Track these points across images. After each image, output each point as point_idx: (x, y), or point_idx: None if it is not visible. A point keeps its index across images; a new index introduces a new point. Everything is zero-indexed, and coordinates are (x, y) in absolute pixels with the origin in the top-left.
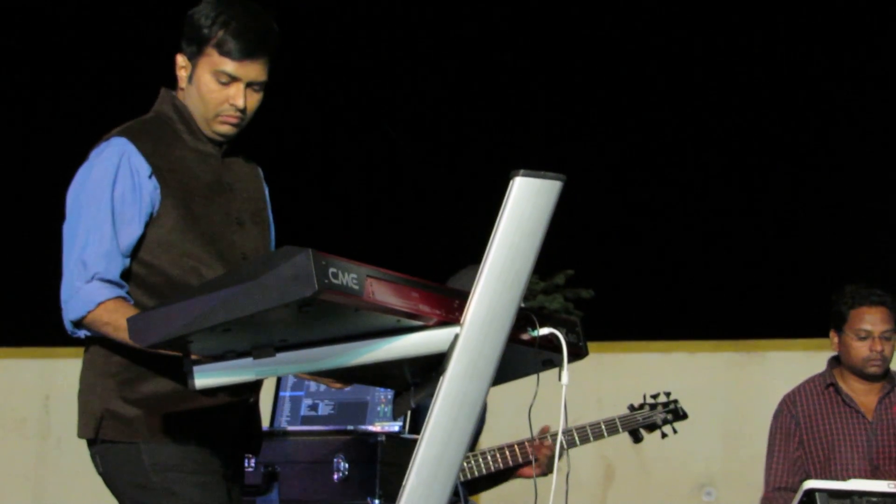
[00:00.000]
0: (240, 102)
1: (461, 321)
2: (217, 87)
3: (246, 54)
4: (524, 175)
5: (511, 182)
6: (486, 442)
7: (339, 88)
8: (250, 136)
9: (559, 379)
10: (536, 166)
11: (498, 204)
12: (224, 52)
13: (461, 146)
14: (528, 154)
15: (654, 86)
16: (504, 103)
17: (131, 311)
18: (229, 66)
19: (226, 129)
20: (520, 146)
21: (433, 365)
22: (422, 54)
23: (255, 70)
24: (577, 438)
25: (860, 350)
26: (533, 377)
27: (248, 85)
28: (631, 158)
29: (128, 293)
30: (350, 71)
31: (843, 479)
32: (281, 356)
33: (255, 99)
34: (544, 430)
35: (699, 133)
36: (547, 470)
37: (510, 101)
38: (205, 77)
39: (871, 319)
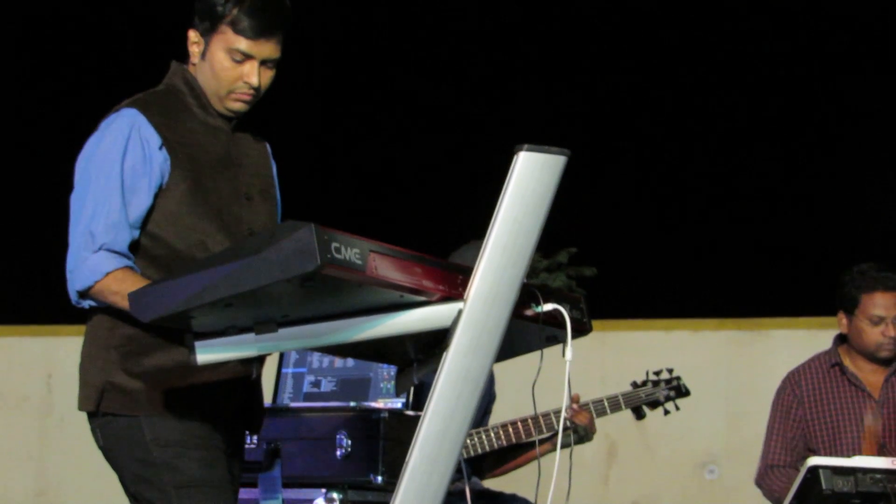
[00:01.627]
0: (254, 80)
1: (465, 297)
2: (231, 65)
3: (260, 32)
4: (528, 150)
5: (515, 157)
6: (490, 419)
7: (342, 63)
8: (258, 111)
9: (563, 355)
10: (541, 141)
11: (502, 179)
12: (239, 31)
13: (465, 121)
14: (533, 129)
15: (659, 64)
16: (509, 78)
17: (140, 281)
18: (244, 44)
19: (238, 105)
20: (524, 121)
21: (436, 341)
22: (425, 28)
23: (269, 48)
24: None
25: (873, 335)
26: (536, 353)
27: (262, 62)
28: (635, 136)
29: (134, 265)
30: (353, 45)
31: (849, 457)
32: (283, 332)
33: (268, 76)
34: (576, 399)
35: (703, 110)
36: (586, 434)
37: (515, 75)
38: (219, 54)
39: (885, 305)
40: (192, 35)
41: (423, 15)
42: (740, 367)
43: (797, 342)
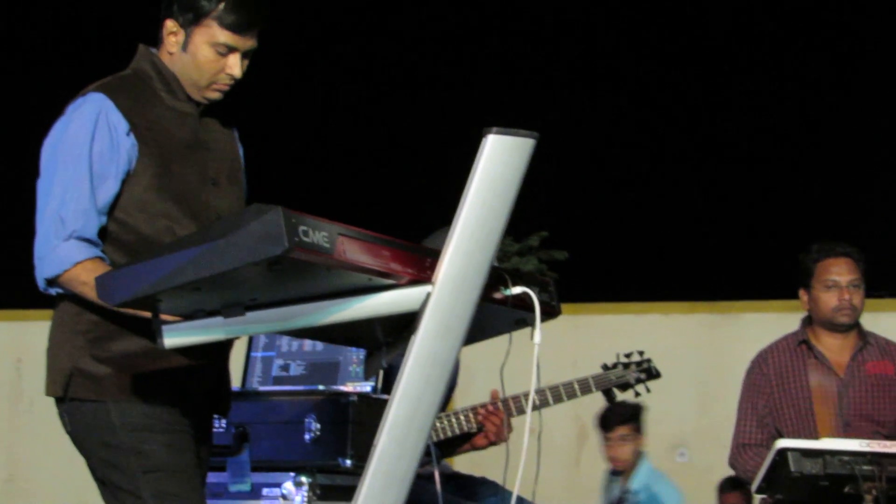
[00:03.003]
0: (237, 73)
1: (433, 280)
2: (215, 58)
3: (246, 27)
4: (497, 133)
5: (484, 140)
6: (460, 402)
7: (309, 44)
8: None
9: (531, 338)
10: (512, 125)
11: (472, 162)
12: (225, 25)
13: (435, 104)
14: (505, 112)
15: (630, 48)
16: (480, 60)
17: None
18: (229, 38)
19: (216, 95)
20: (495, 104)
21: (405, 324)
22: (394, 12)
23: (251, 40)
24: (549, 398)
25: (829, 300)
26: (507, 337)
27: (244, 54)
28: (607, 120)
29: (102, 251)
30: (322, 29)
31: (816, 435)
32: (251, 315)
33: (245, 65)
34: (494, 396)
35: (674, 95)
36: (497, 439)
37: (485, 59)
38: (203, 47)
39: (837, 269)
40: (171, 25)
41: None
42: (711, 350)
43: (767, 325)
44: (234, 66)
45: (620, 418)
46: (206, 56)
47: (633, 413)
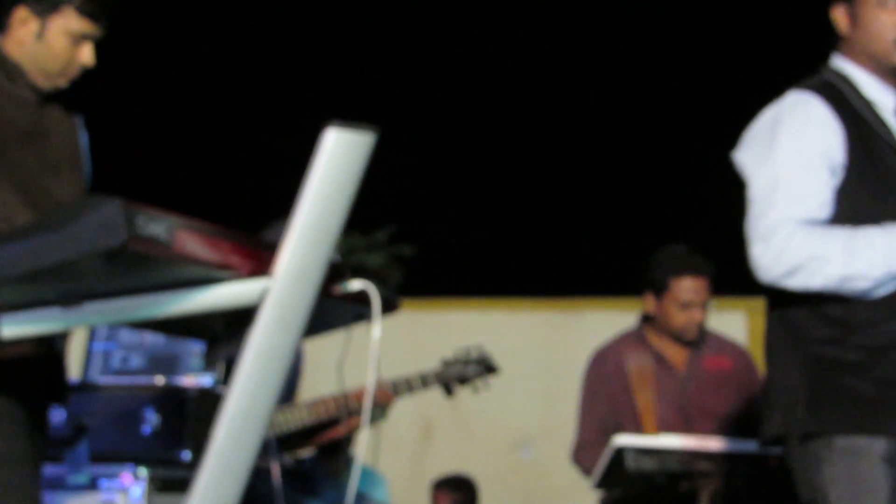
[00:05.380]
0: (91, 61)
1: (272, 273)
2: (70, 46)
3: (103, 14)
4: (337, 128)
5: (324, 135)
6: (306, 395)
7: (148, 36)
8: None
9: (371, 333)
10: (357, 120)
11: (313, 156)
12: (84, 13)
13: (275, 98)
14: (351, 108)
15: (474, 42)
16: (324, 55)
17: None
18: (87, 26)
19: (65, 82)
20: (338, 99)
21: (244, 317)
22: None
23: (104, 27)
24: (390, 391)
25: (680, 319)
26: (351, 331)
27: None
28: (453, 116)
29: None
30: (162, 18)
31: (656, 432)
32: (89, 306)
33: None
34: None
35: (516, 90)
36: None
37: (331, 53)
38: (60, 36)
39: (693, 290)
40: (23, 13)
41: None
42: (556, 347)
43: (611, 323)
44: (89, 54)
45: None
46: (62, 45)
47: None
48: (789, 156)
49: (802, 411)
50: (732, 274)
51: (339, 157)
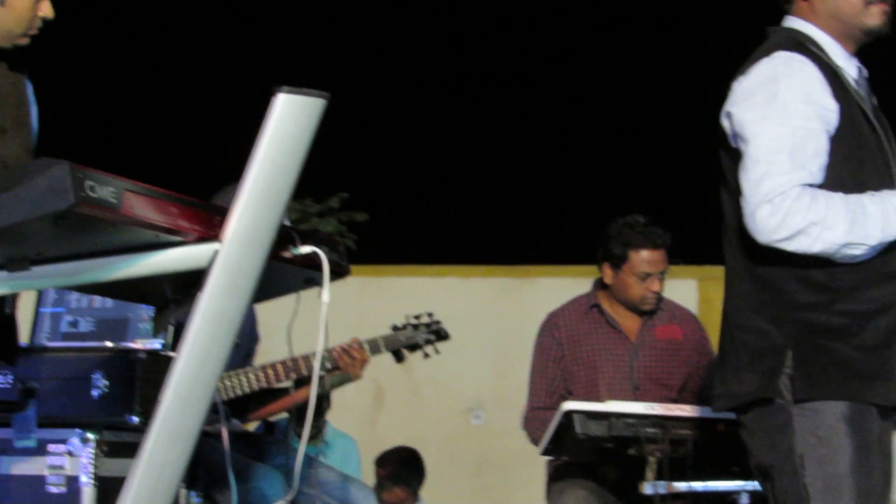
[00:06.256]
0: (51, 13)
1: (221, 238)
2: (32, 4)
3: None
4: (287, 92)
5: (274, 99)
6: (260, 359)
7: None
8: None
9: (320, 297)
10: (309, 85)
11: (263, 120)
12: None
13: (226, 62)
14: (304, 72)
15: (427, 8)
16: (276, 18)
17: None
18: None
19: (27, 41)
20: (291, 62)
21: (193, 281)
22: None
23: None
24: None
25: (638, 290)
26: (305, 294)
27: None
28: (407, 83)
29: None
30: None
31: (606, 399)
32: (36, 270)
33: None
34: (354, 341)
35: (473, 58)
36: (351, 371)
37: (283, 18)
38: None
39: (652, 261)
40: None
41: None
42: (508, 314)
43: (563, 290)
44: (48, 7)
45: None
46: (24, 4)
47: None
48: (793, 117)
49: (793, 376)
50: (684, 241)
51: (289, 120)
